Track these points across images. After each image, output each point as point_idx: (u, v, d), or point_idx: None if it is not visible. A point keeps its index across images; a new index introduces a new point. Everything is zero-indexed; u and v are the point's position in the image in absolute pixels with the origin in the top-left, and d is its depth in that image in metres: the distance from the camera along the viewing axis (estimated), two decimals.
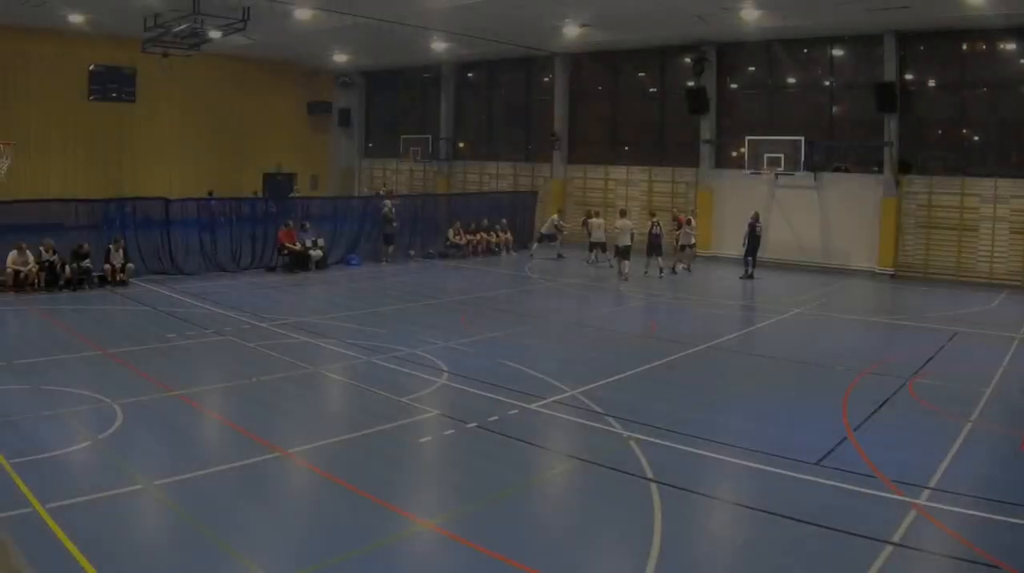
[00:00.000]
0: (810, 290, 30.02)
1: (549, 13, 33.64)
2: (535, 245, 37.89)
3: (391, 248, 34.50)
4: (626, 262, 31.14)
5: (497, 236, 39.28)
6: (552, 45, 41.31)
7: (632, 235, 31.74)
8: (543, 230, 38.39)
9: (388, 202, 35.13)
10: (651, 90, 42.75)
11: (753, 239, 32.41)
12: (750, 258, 32.50)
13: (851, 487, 11.20)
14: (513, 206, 42.05)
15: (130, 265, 26.85)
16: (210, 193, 39.73)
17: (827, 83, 36.97)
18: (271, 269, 31.11)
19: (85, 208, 28.30)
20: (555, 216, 38.97)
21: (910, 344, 21.62)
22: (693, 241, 34.71)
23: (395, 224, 34.59)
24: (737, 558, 9.49)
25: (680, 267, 33.90)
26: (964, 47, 33.31)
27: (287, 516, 10.24)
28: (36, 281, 24.88)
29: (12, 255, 24.64)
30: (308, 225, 32.66)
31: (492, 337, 20.90)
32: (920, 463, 12.18)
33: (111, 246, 26.52)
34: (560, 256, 36.28)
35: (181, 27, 33.82)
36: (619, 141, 44.12)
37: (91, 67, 43.99)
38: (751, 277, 32.02)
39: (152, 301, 24.07)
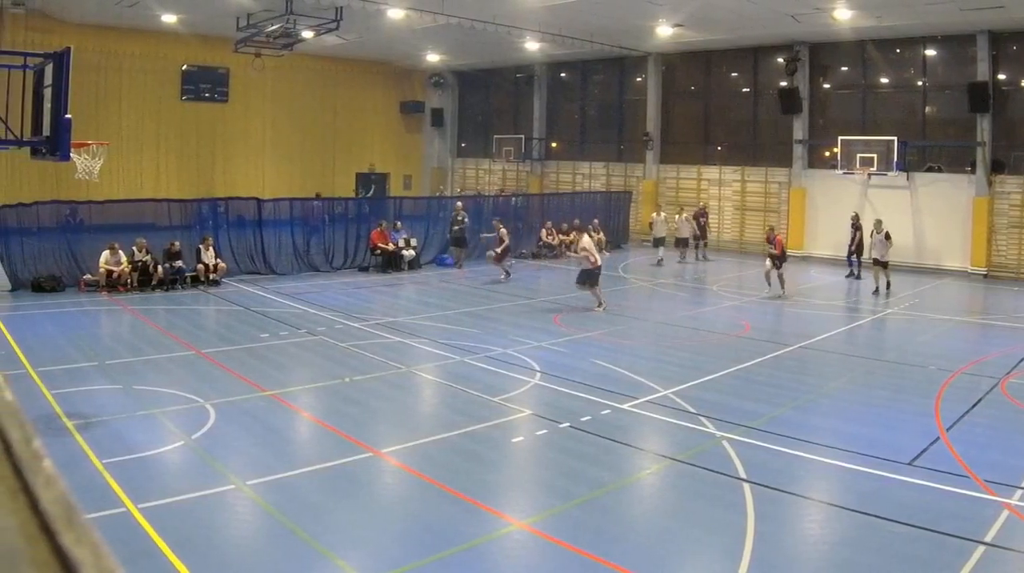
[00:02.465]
0: (903, 290, 29.55)
1: (642, 13, 33.46)
2: (661, 250, 36.70)
3: (463, 252, 33.73)
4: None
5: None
6: (645, 45, 41.14)
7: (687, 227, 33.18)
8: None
9: (459, 203, 34.77)
10: (744, 90, 42.42)
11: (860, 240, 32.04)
12: (855, 258, 32.21)
13: (944, 487, 11.06)
14: (606, 206, 41.68)
15: (222, 264, 26.84)
16: (317, 195, 40.00)
17: (920, 83, 36.45)
18: (363, 269, 31.10)
19: (178, 208, 28.58)
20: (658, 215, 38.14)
21: (1003, 344, 21.13)
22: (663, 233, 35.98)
23: (465, 227, 33.75)
24: (829, 558, 9.30)
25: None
26: None
27: (380, 516, 10.19)
28: (129, 281, 24.97)
29: (105, 255, 24.82)
30: (400, 224, 32.51)
31: (585, 337, 20.76)
32: (1013, 463, 11.96)
33: (200, 246, 26.55)
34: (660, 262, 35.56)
35: (274, 27, 34.15)
36: (712, 141, 43.77)
37: (184, 67, 44.50)
38: (857, 277, 31.59)
39: (245, 301, 24.09)
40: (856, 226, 31.96)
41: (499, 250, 29.55)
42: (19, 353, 16.78)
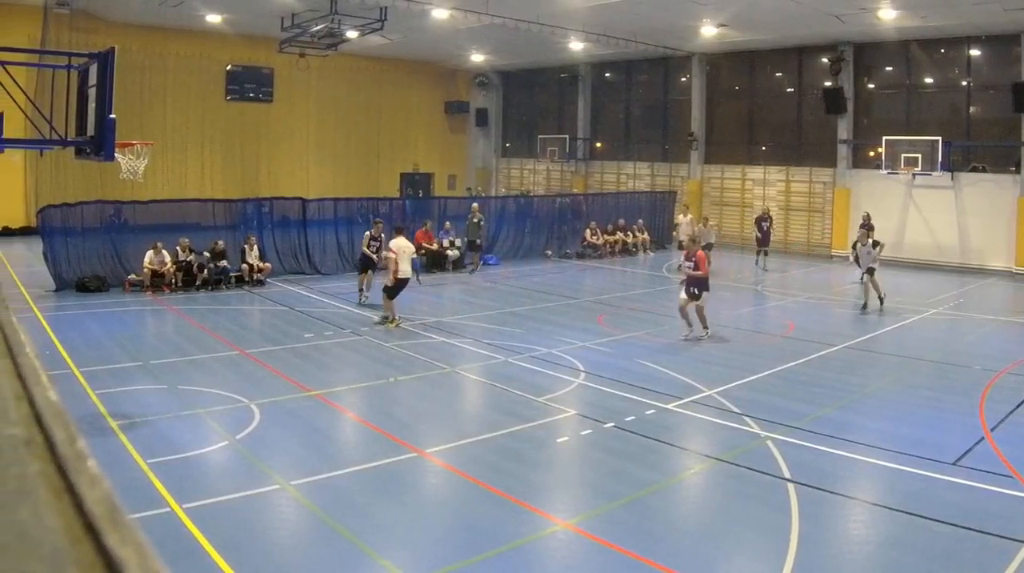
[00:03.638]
0: (947, 290, 29.49)
1: (686, 13, 33.46)
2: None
3: (476, 256, 32.75)
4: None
5: (634, 236, 38.86)
6: (689, 45, 41.17)
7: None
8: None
9: (476, 205, 33.59)
10: (788, 90, 42.33)
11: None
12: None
13: (988, 487, 11.02)
14: (651, 206, 41.65)
15: (267, 264, 26.99)
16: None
17: (964, 83, 36.20)
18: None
19: (222, 208, 28.77)
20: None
21: None
22: (713, 240, 33.43)
23: (481, 231, 32.79)
24: (873, 558, 9.29)
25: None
26: None
27: (425, 516, 10.22)
28: (173, 281, 25.14)
29: (149, 255, 25.01)
30: (449, 225, 32.56)
31: (629, 337, 20.82)
32: None
33: (245, 246, 26.69)
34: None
35: (318, 27, 34.36)
36: (756, 141, 43.73)
37: (228, 67, 44.80)
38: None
39: (289, 301, 24.20)
40: (867, 226, 31.13)
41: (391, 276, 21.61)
42: (64, 353, 16.92)
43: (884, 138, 35.99)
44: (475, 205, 33.20)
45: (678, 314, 20.61)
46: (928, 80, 37.22)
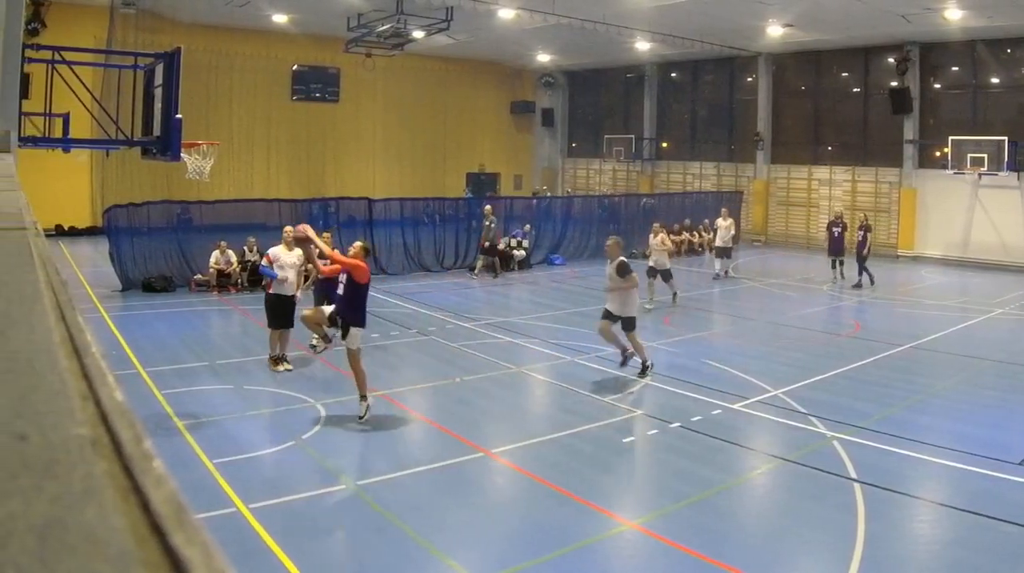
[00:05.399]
0: (1013, 290, 29.18)
1: (752, 13, 33.45)
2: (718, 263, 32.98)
3: (481, 261, 30.95)
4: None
5: (700, 236, 38.82)
6: (755, 45, 41.17)
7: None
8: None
9: (488, 207, 31.94)
10: (854, 90, 42.14)
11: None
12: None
13: None
14: (717, 206, 41.26)
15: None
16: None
17: None
18: (472, 268, 31.09)
19: (288, 208, 28.98)
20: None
21: None
22: (728, 243, 31.52)
23: (492, 237, 31.07)
24: (940, 559, 9.28)
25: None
26: None
27: (491, 516, 10.26)
28: (239, 281, 25.38)
29: (215, 255, 25.26)
30: (529, 227, 32.63)
31: (696, 337, 20.91)
32: None
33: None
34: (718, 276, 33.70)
35: (385, 27, 34.59)
36: (822, 141, 43.58)
37: (294, 67, 45.23)
38: (871, 282, 29.55)
39: None
40: (865, 227, 30.08)
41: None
42: (130, 353, 17.14)
43: (950, 138, 35.88)
44: (487, 207, 32.01)
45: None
46: (994, 80, 36.96)
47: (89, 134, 18.60)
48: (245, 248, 25.77)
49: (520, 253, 32.22)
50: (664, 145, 51.40)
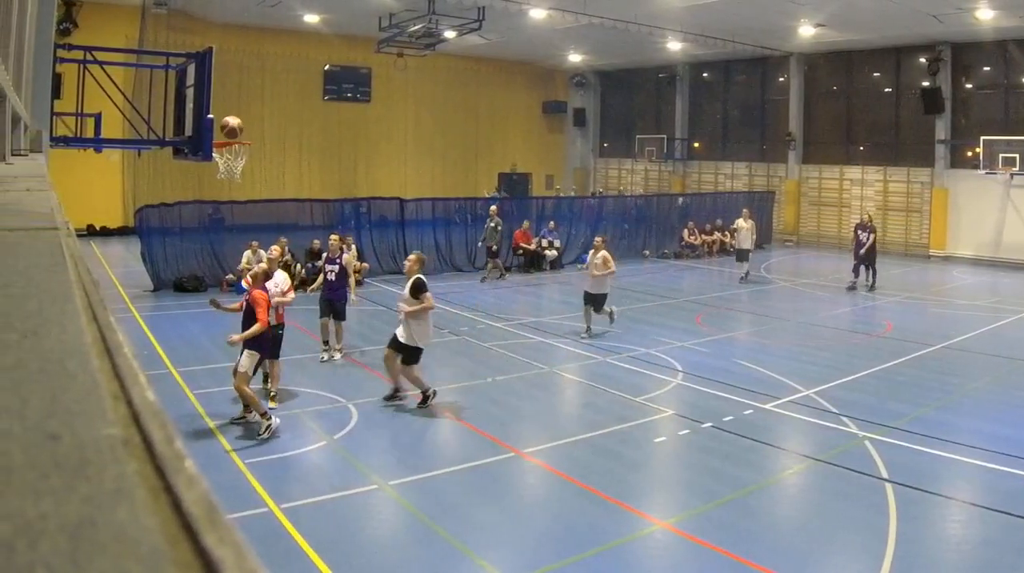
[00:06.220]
0: None
1: (784, 13, 33.44)
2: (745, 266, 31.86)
3: (490, 264, 30.20)
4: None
5: (732, 236, 38.41)
6: (787, 45, 41.19)
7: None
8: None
9: (493, 207, 31.25)
10: (886, 90, 42.07)
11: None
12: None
13: None
14: (749, 206, 41.18)
15: (366, 264, 27.18)
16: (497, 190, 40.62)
17: None
18: (506, 269, 31.09)
19: (320, 208, 29.12)
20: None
21: None
22: (748, 245, 30.95)
23: (499, 239, 30.18)
24: (972, 559, 9.30)
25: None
26: None
27: (522, 516, 10.30)
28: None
29: (247, 255, 25.28)
30: (553, 223, 32.65)
31: (727, 337, 20.99)
32: None
33: (342, 245, 26.88)
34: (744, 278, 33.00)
35: (416, 27, 34.74)
36: (854, 141, 43.52)
37: (326, 67, 45.31)
38: (871, 286, 28.74)
39: (387, 301, 24.36)
40: (869, 229, 28.97)
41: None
42: (161, 353, 17.28)
43: (982, 138, 35.79)
44: (493, 207, 31.21)
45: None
46: None
47: (121, 134, 18.74)
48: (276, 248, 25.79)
49: (552, 253, 32.23)
50: (696, 145, 51.40)
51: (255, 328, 12.78)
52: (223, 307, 13.79)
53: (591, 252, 21.14)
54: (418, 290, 14.18)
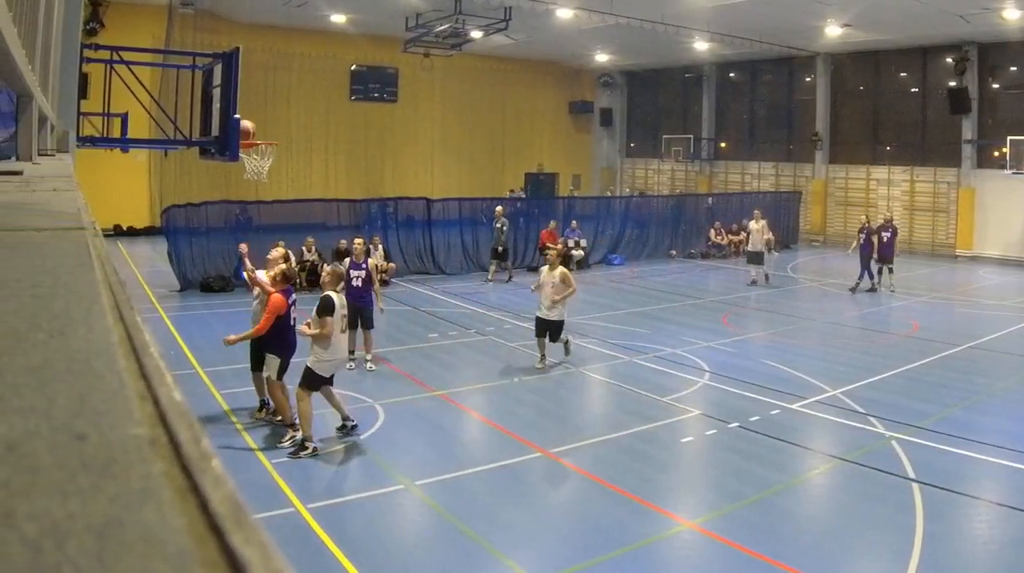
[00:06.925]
0: None
1: (811, 13, 33.45)
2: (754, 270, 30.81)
3: (493, 265, 29.65)
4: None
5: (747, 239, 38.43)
6: (814, 45, 41.18)
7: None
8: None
9: (499, 208, 30.51)
10: (912, 90, 42.03)
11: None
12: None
13: None
14: (776, 206, 41.25)
15: (392, 265, 27.23)
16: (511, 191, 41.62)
17: None
18: (533, 269, 31.04)
19: (347, 208, 29.17)
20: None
21: None
22: (760, 247, 29.95)
23: (505, 240, 29.63)
24: (998, 559, 9.27)
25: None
26: None
27: (549, 516, 10.32)
28: (297, 281, 25.49)
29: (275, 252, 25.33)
30: (576, 223, 32.64)
31: (754, 337, 21.01)
32: None
33: (369, 246, 26.94)
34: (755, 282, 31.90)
35: (443, 27, 34.84)
36: (880, 141, 43.47)
37: (353, 67, 45.40)
38: (874, 288, 28.34)
39: (413, 301, 24.45)
40: (868, 230, 28.74)
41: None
42: (188, 353, 17.36)
43: (1009, 138, 35.74)
44: (499, 208, 30.32)
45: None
46: None
47: (147, 134, 18.81)
48: (303, 248, 25.91)
49: (579, 253, 32.20)
50: (722, 145, 51.44)
51: (251, 331, 12.99)
52: (252, 275, 13.84)
53: (545, 268, 17.93)
54: (323, 310, 12.94)
